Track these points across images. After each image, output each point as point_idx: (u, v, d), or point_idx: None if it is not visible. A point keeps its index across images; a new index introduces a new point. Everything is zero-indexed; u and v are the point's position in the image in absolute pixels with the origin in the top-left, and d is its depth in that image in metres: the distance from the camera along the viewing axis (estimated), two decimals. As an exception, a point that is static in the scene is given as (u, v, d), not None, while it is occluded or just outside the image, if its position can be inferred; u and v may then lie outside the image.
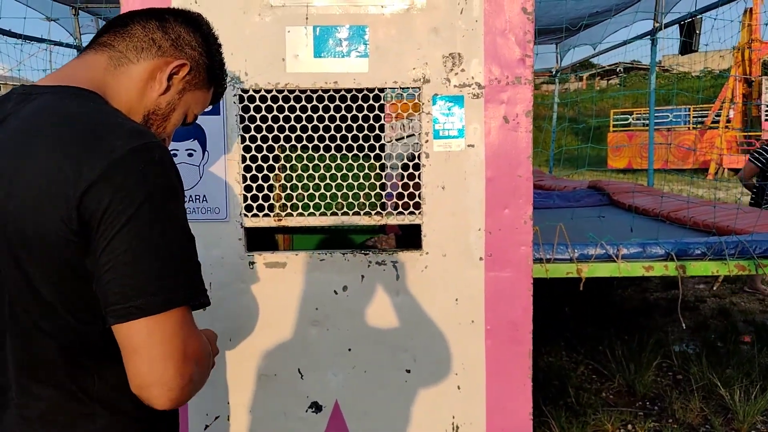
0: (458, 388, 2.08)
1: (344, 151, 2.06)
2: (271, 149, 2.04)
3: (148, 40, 1.18)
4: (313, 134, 2.02)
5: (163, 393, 0.98)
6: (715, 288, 6.17)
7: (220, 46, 1.32)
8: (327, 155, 2.06)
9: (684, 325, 3.72)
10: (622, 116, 21.37)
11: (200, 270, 1.06)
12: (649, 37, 7.18)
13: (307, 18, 1.97)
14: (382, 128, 2.12)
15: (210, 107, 1.38)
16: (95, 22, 7.77)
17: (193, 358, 1.01)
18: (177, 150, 1.98)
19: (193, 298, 1.03)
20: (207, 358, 1.08)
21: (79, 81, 1.12)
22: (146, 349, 0.97)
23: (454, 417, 2.08)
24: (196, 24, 1.26)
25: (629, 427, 3.49)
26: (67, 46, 7.33)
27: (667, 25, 7.02)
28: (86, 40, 7.50)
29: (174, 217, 1.01)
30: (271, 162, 2.03)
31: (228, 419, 2.04)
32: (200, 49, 1.25)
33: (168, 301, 0.98)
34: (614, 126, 20.91)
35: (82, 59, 1.19)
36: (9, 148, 1.00)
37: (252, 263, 2.02)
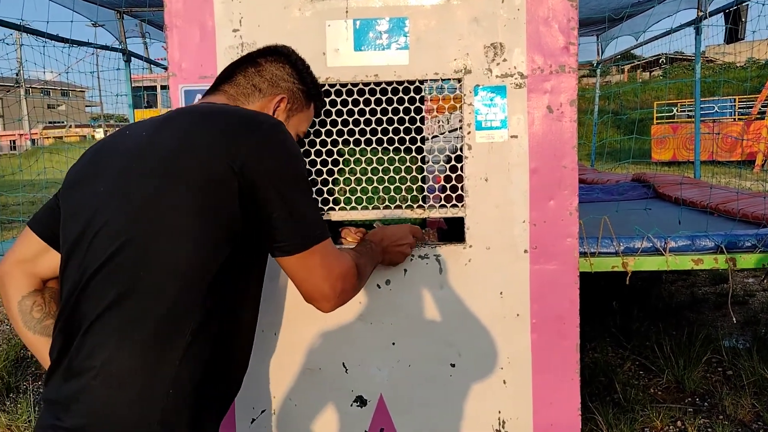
0: (504, 382, 2.05)
1: (386, 145, 2.05)
2: (313, 144, 2.04)
3: (250, 86, 1.48)
4: (354, 128, 2.02)
5: (324, 304, 1.37)
6: (765, 281, 6.00)
7: (308, 68, 1.58)
8: (368, 149, 2.06)
9: (734, 319, 3.62)
10: (666, 108, 20.91)
11: None
12: (693, 26, 7.02)
13: (347, 11, 1.97)
14: (423, 121, 2.10)
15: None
16: (139, 25, 7.90)
17: (340, 276, 1.36)
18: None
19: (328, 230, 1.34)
20: (352, 273, 1.42)
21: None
22: (312, 272, 1.31)
23: (500, 411, 2.06)
24: (284, 57, 1.53)
25: (678, 423, 3.41)
26: (113, 49, 7.47)
27: (711, 14, 6.85)
28: (130, 43, 7.64)
29: (306, 173, 1.32)
30: (313, 157, 2.04)
31: (274, 413, 2.05)
32: (293, 79, 1.52)
33: (322, 234, 1.30)
34: (658, 118, 20.48)
35: (206, 99, 1.49)
36: (183, 120, 1.29)
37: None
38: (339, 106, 2.01)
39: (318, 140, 2.03)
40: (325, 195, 2.11)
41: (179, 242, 1.18)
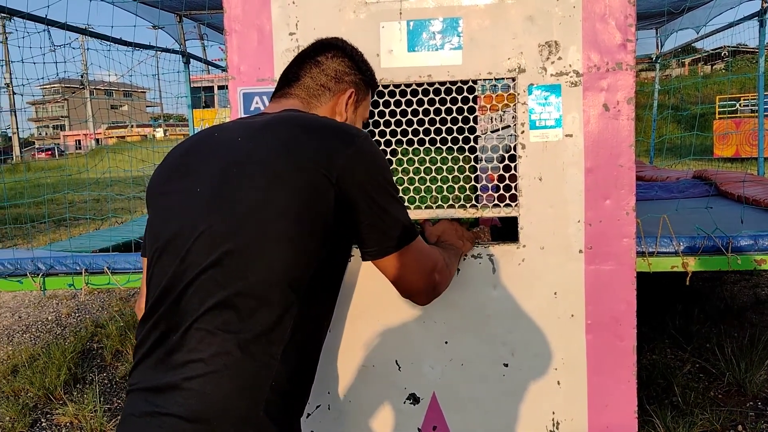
0: (558, 383, 2.04)
1: (439, 144, 2.06)
2: (366, 144, 2.06)
3: (319, 87, 1.55)
4: (408, 128, 2.04)
5: (420, 298, 1.50)
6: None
7: (362, 55, 1.63)
8: (422, 149, 2.07)
9: (801, 322, 3.50)
10: (728, 102, 20.23)
11: None
12: (756, 18, 6.78)
13: (401, 13, 1.98)
14: (476, 120, 2.10)
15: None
16: (197, 28, 8.09)
17: (434, 270, 1.48)
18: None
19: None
20: (443, 266, 1.53)
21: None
22: (406, 270, 1.40)
23: (554, 413, 2.04)
24: (341, 50, 1.59)
25: (739, 427, 3.32)
26: (173, 51, 7.67)
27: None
28: (190, 45, 7.84)
29: (392, 179, 1.40)
30: (367, 157, 2.06)
31: (329, 408, 2.09)
32: (353, 71, 1.59)
33: (412, 233, 1.39)
34: (720, 113, 19.83)
35: (280, 103, 1.54)
36: (280, 130, 1.34)
37: (351, 255, 2.05)
38: (393, 107, 2.03)
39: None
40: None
41: (283, 247, 1.25)
